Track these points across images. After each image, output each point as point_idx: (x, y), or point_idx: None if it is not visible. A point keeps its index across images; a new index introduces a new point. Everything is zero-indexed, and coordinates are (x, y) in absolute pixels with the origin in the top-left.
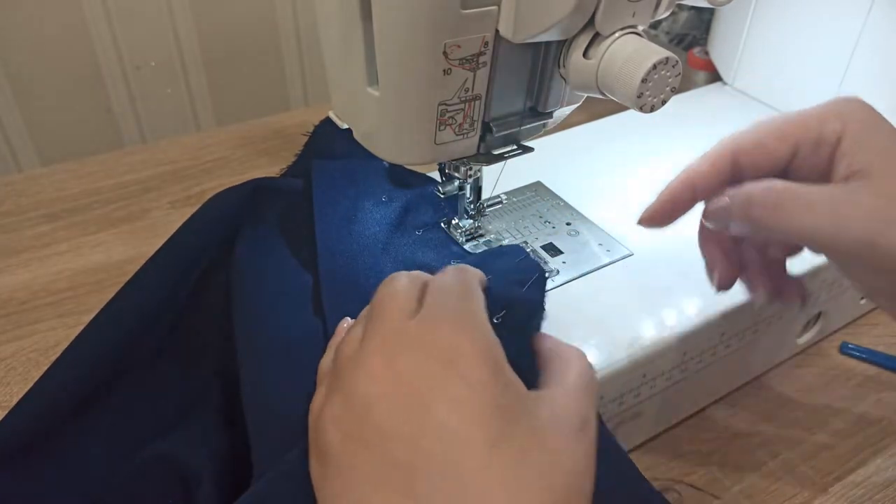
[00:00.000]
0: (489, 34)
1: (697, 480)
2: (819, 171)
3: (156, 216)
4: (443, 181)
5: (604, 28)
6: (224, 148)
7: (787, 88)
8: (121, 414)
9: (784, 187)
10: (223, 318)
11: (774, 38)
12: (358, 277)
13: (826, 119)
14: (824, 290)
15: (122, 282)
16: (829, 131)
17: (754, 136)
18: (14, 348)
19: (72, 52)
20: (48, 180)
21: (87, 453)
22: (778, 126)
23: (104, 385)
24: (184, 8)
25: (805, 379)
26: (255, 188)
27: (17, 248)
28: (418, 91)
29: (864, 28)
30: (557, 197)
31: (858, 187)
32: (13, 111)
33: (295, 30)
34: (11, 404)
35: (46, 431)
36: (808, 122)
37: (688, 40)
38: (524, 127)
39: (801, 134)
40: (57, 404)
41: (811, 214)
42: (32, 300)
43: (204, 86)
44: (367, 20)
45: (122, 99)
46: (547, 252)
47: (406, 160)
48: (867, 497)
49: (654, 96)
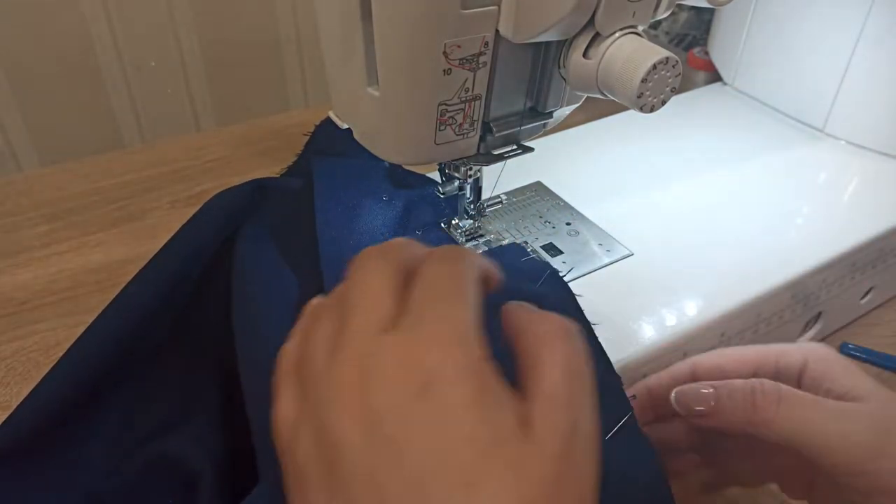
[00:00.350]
0: (489, 34)
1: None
2: None
3: (156, 216)
4: (443, 181)
5: (604, 28)
6: (224, 148)
7: (787, 88)
8: (121, 414)
9: (788, 387)
10: (223, 317)
11: (774, 38)
12: None
13: (787, 351)
14: (824, 290)
15: (122, 282)
16: (792, 360)
17: (715, 360)
18: (14, 348)
19: (72, 52)
20: (48, 180)
21: (88, 453)
22: (739, 352)
23: (105, 385)
24: (184, 8)
25: None
26: (255, 188)
27: (17, 248)
28: (418, 91)
29: (864, 28)
30: (557, 197)
31: (857, 405)
32: (13, 111)
33: (295, 30)
34: (12, 404)
35: (48, 431)
36: (768, 351)
37: (688, 40)
38: (524, 127)
39: (762, 360)
40: (58, 404)
41: (817, 413)
42: (32, 300)
43: (204, 86)
44: (367, 20)
45: (122, 99)
46: (547, 252)
47: (406, 160)
48: None
49: (654, 96)
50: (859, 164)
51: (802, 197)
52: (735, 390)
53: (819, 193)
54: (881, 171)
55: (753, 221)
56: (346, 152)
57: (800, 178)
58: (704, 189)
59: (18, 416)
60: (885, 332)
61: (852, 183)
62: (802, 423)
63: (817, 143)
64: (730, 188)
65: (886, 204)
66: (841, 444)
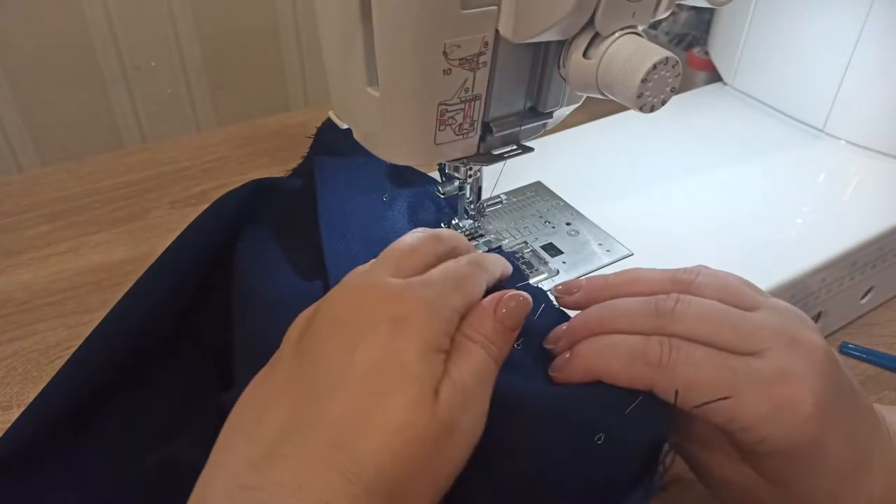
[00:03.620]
0: (489, 34)
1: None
2: None
3: (156, 216)
4: (443, 181)
5: (604, 28)
6: (224, 148)
7: (787, 88)
8: (126, 418)
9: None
10: (226, 319)
11: (774, 38)
12: None
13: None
14: (824, 290)
15: (122, 282)
16: (748, 432)
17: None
18: (14, 348)
19: (72, 52)
20: (48, 180)
21: (92, 458)
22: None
23: (109, 390)
24: (184, 8)
25: None
26: (257, 188)
27: (17, 248)
28: (418, 91)
29: (864, 28)
30: (557, 197)
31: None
32: (13, 111)
33: (295, 30)
34: (12, 404)
35: (52, 437)
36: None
37: (688, 40)
38: (524, 127)
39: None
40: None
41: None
42: (32, 300)
43: (204, 86)
44: (366, 20)
45: (122, 99)
46: (547, 252)
47: (406, 160)
48: None
49: (654, 96)
50: (859, 164)
51: (802, 197)
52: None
53: (819, 193)
54: (881, 171)
55: (753, 221)
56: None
57: (800, 178)
58: (704, 189)
59: (23, 421)
60: (885, 332)
61: (852, 183)
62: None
63: (817, 143)
64: (730, 188)
65: (886, 204)
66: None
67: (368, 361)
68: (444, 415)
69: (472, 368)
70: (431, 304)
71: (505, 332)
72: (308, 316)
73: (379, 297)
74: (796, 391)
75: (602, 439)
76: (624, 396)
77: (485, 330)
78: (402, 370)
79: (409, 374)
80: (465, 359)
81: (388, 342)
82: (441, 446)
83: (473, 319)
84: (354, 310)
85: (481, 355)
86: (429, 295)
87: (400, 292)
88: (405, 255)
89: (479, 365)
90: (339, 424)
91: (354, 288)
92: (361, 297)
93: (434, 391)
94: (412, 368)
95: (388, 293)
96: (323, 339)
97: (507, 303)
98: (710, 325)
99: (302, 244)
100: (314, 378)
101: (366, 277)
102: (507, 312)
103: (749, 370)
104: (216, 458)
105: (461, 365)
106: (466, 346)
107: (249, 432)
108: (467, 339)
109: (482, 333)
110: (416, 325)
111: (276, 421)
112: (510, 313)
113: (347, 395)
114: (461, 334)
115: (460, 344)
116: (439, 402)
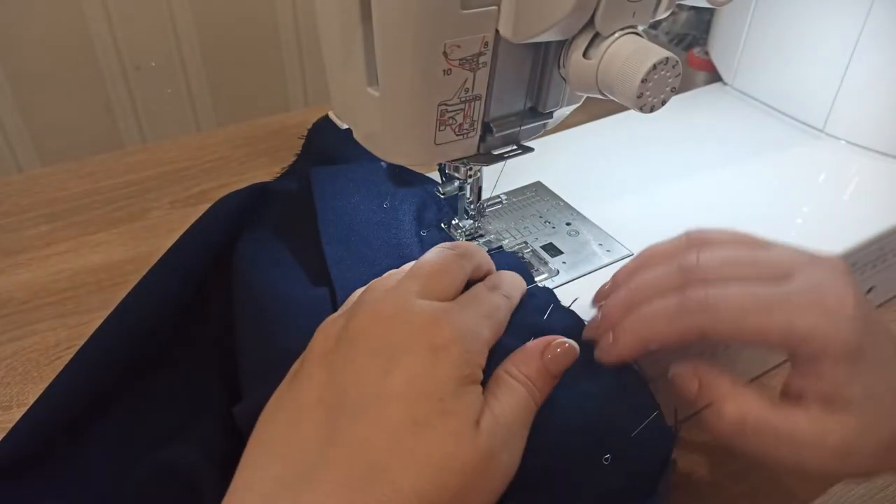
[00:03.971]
0: (489, 34)
1: (697, 481)
2: None
3: (156, 216)
4: (443, 181)
5: (604, 28)
6: (224, 148)
7: (787, 88)
8: (125, 422)
9: (751, 420)
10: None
11: (774, 38)
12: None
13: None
14: None
15: (122, 282)
16: (804, 347)
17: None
18: (14, 348)
19: (72, 52)
20: (48, 180)
21: (92, 462)
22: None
23: (109, 394)
24: (184, 8)
25: None
26: (256, 191)
27: (17, 248)
28: (418, 91)
29: (864, 28)
30: (557, 197)
31: (828, 420)
32: (13, 111)
33: (295, 30)
34: (12, 404)
35: (51, 442)
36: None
37: (688, 40)
38: (524, 127)
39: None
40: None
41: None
42: (32, 300)
43: (204, 86)
44: (366, 20)
45: (122, 99)
46: (547, 252)
47: (406, 160)
48: (867, 497)
49: (654, 96)
50: (859, 164)
51: (802, 197)
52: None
53: (819, 193)
54: (881, 171)
55: (753, 221)
56: (343, 154)
57: (800, 178)
58: (704, 189)
59: (22, 426)
60: None
61: (852, 183)
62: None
63: (817, 143)
64: (730, 188)
65: (886, 204)
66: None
67: (406, 387)
68: (485, 447)
69: (514, 406)
70: (468, 334)
71: (548, 376)
72: (334, 333)
73: (416, 322)
74: (836, 296)
75: (609, 460)
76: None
77: (529, 371)
78: (441, 404)
79: (448, 408)
80: (508, 395)
81: (427, 370)
82: (481, 479)
83: (519, 359)
84: (389, 331)
85: (523, 394)
86: (465, 324)
87: (437, 319)
88: (434, 276)
89: (521, 403)
90: (380, 451)
91: (386, 308)
92: (396, 319)
93: (475, 423)
94: (449, 402)
95: (425, 319)
96: (355, 357)
97: (553, 349)
98: (734, 265)
99: (302, 247)
100: (347, 398)
101: (397, 298)
102: (552, 358)
103: (786, 290)
104: (244, 476)
105: (503, 400)
106: (510, 384)
107: (280, 452)
108: (511, 378)
109: (526, 374)
110: (454, 355)
111: (310, 442)
112: (555, 359)
113: (387, 421)
114: (504, 370)
115: (503, 380)
116: (480, 435)
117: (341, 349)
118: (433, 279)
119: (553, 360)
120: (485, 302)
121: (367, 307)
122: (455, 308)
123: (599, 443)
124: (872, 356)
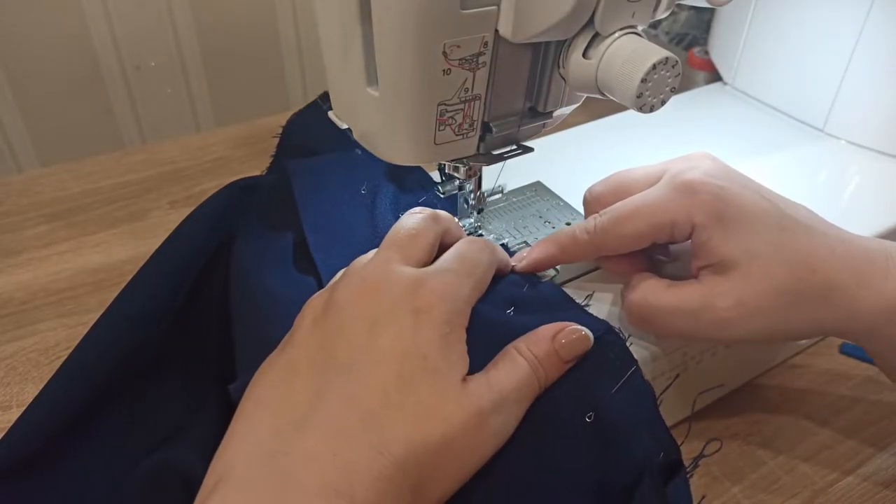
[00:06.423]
0: (489, 34)
1: (696, 481)
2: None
3: (156, 216)
4: (443, 181)
5: (603, 28)
6: (224, 148)
7: (788, 88)
8: (122, 424)
9: (647, 303)
10: (220, 321)
11: (774, 38)
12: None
13: (677, 222)
14: None
15: (122, 282)
16: (680, 229)
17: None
18: (14, 348)
19: (72, 52)
20: (48, 180)
21: (89, 464)
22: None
23: (105, 396)
24: (184, 8)
25: (805, 379)
26: (241, 188)
27: (17, 248)
28: (418, 91)
29: (864, 28)
30: (557, 197)
31: (716, 284)
32: (13, 111)
33: (295, 30)
34: (12, 404)
35: (48, 444)
36: (663, 220)
37: (688, 40)
38: (524, 127)
39: (657, 227)
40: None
41: (676, 322)
42: (32, 300)
43: (204, 86)
44: (366, 20)
45: (122, 99)
46: None
47: (406, 160)
48: (867, 497)
49: (653, 96)
50: (859, 163)
51: (802, 197)
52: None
53: (819, 193)
54: (881, 171)
55: None
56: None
57: (800, 178)
58: None
59: (17, 430)
60: None
61: (852, 183)
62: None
63: (817, 142)
64: None
65: (886, 204)
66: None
67: (392, 348)
68: (470, 405)
69: (511, 376)
70: (448, 295)
71: (558, 360)
72: (320, 303)
73: (398, 288)
74: (691, 176)
75: (592, 417)
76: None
77: (538, 351)
78: (425, 361)
79: (431, 365)
80: (508, 367)
81: (412, 332)
82: (466, 435)
83: (531, 339)
84: (373, 299)
85: (525, 369)
86: (445, 286)
87: (418, 284)
88: (410, 240)
89: (522, 378)
90: (370, 402)
91: (369, 277)
92: (379, 287)
93: (460, 380)
94: (433, 360)
95: (407, 285)
96: (343, 324)
97: (568, 335)
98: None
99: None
100: (337, 358)
101: (378, 267)
102: (565, 343)
103: (652, 193)
104: (238, 428)
105: (501, 368)
106: (514, 358)
107: (273, 405)
108: (518, 353)
109: (534, 354)
110: (436, 316)
111: (302, 395)
112: (568, 345)
113: (375, 378)
114: (514, 346)
115: (509, 354)
116: (466, 392)
117: (330, 316)
118: (409, 244)
119: (565, 345)
120: (465, 261)
121: (351, 279)
122: (434, 271)
123: (580, 402)
124: (744, 216)
